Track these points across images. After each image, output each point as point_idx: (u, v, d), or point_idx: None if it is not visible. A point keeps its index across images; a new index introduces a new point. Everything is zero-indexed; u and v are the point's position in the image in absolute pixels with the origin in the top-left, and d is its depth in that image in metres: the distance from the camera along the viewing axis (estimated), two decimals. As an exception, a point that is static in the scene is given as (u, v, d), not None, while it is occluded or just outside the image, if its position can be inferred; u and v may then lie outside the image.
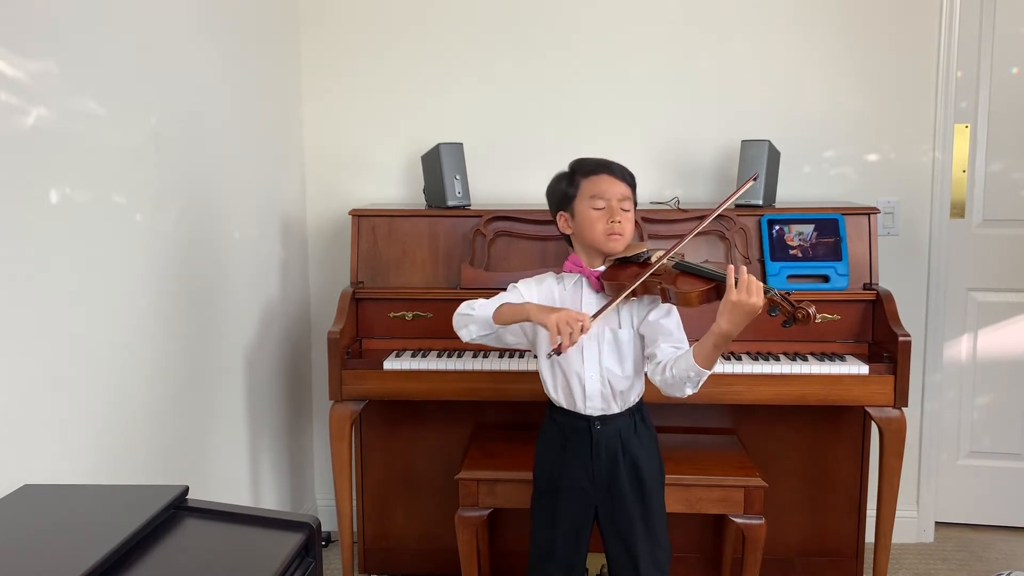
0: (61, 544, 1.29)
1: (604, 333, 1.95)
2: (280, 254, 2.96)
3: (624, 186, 1.96)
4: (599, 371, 1.95)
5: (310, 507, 3.28)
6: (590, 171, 1.97)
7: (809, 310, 1.71)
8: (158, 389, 2.10)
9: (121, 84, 1.93)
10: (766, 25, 3.03)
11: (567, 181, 1.99)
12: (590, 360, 1.95)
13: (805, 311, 1.71)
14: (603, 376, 1.95)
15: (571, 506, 2.01)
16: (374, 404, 2.75)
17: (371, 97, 3.12)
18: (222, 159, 2.50)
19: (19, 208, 1.58)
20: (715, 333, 1.78)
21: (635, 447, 1.99)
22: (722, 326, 1.76)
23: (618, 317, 1.96)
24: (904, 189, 3.07)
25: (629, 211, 1.95)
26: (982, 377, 3.23)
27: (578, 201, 1.96)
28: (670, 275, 1.88)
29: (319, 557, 1.46)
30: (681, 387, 1.85)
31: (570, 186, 1.98)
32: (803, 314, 1.71)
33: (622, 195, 1.95)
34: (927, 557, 3.09)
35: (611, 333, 1.95)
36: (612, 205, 1.93)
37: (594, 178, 1.96)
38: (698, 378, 1.83)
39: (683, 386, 1.85)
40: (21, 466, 1.57)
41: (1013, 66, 3.09)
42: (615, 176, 1.96)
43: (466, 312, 1.97)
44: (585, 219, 1.94)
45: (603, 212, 1.92)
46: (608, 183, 1.95)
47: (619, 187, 1.95)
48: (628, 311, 1.96)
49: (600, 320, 1.88)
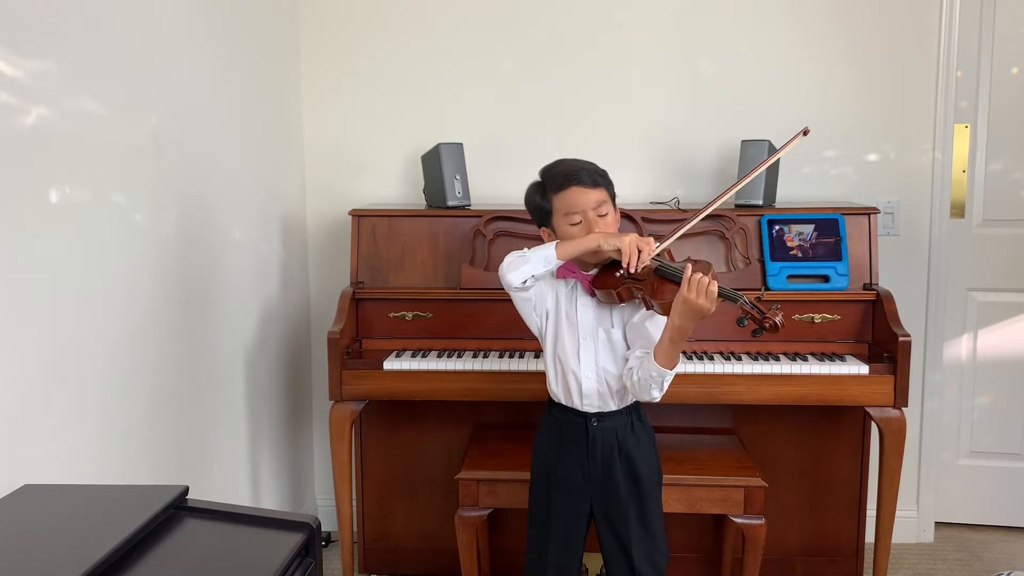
0: (61, 544, 1.29)
1: (598, 333, 1.97)
2: (280, 254, 2.96)
3: (596, 191, 1.92)
4: (595, 370, 1.96)
5: (310, 507, 3.28)
6: (559, 187, 1.93)
7: (776, 319, 1.72)
8: (158, 389, 2.10)
9: (121, 84, 1.93)
10: (766, 25, 3.03)
11: (540, 195, 1.98)
12: (586, 359, 1.97)
13: (772, 320, 1.72)
14: (599, 375, 1.97)
15: (565, 502, 2.02)
16: (374, 404, 2.75)
17: (371, 97, 3.12)
18: (222, 159, 2.50)
19: (19, 208, 1.58)
20: (669, 329, 1.81)
21: (631, 446, 1.99)
22: (674, 321, 1.79)
23: (611, 317, 1.98)
24: (904, 189, 3.07)
25: (607, 214, 1.93)
26: (982, 377, 3.23)
27: (555, 218, 1.95)
28: (650, 281, 1.88)
29: (319, 557, 1.46)
30: (648, 390, 1.86)
31: (544, 201, 1.97)
32: (771, 324, 1.72)
33: (596, 202, 1.92)
34: (927, 557, 3.09)
35: (605, 333, 1.97)
36: (588, 216, 1.91)
37: (563, 193, 1.93)
38: (660, 379, 1.83)
39: (649, 388, 1.86)
40: (21, 466, 1.57)
41: (1013, 66, 3.09)
42: (585, 185, 1.91)
43: (519, 254, 1.92)
44: (566, 236, 1.93)
45: (580, 226, 1.92)
46: (578, 194, 1.91)
47: (591, 195, 1.91)
48: (619, 311, 1.98)
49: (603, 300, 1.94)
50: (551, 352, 2.01)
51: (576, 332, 1.97)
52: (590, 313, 1.97)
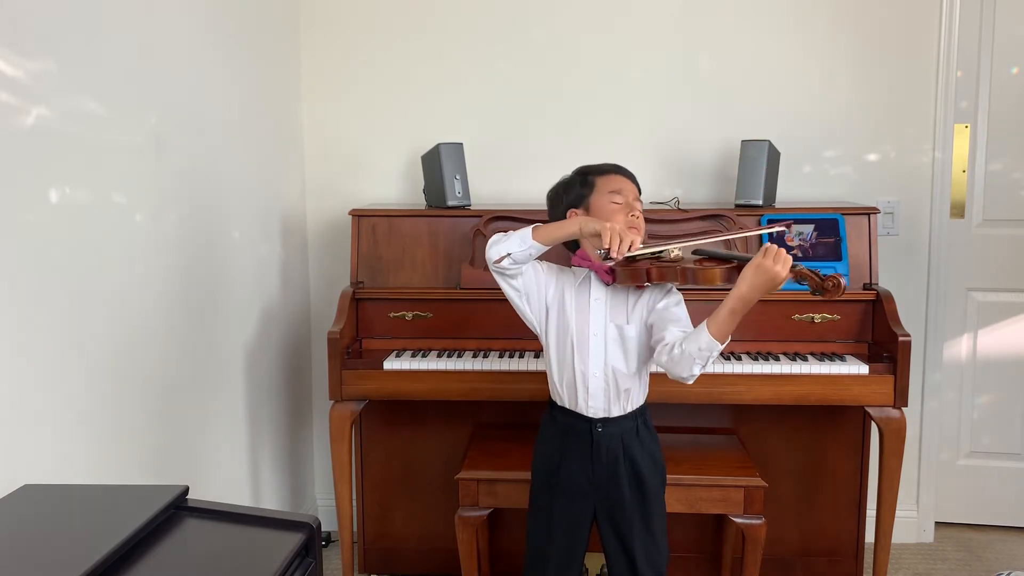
0: (61, 544, 1.29)
1: (610, 330, 1.94)
2: (280, 254, 2.96)
3: (635, 187, 2.02)
4: (603, 368, 1.93)
5: (310, 507, 3.28)
6: (605, 171, 2.02)
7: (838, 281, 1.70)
8: (158, 389, 2.10)
9: (121, 84, 1.93)
10: (766, 25, 3.03)
11: (580, 181, 2.01)
12: (595, 356, 1.93)
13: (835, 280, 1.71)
14: (607, 373, 1.94)
15: (568, 505, 2.00)
16: (374, 404, 2.75)
17: (371, 97, 3.12)
18: (222, 159, 2.50)
19: (19, 208, 1.58)
20: (733, 297, 1.76)
21: (636, 450, 1.98)
22: (741, 289, 1.75)
23: (627, 312, 1.95)
24: (904, 189, 3.07)
25: (641, 214, 1.98)
26: (982, 377, 3.23)
27: (595, 197, 1.97)
28: (690, 260, 1.88)
29: (319, 557, 1.46)
30: (689, 366, 1.81)
31: (583, 186, 2.00)
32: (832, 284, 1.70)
33: (635, 195, 2.00)
34: (927, 557, 3.09)
35: (617, 330, 1.94)
36: (629, 201, 1.97)
37: (610, 176, 2.00)
38: (708, 352, 1.79)
39: (691, 364, 1.81)
40: (21, 466, 1.57)
41: (1013, 66, 3.09)
42: (627, 177, 2.02)
43: (503, 234, 1.90)
44: (605, 212, 1.94)
45: (622, 206, 1.95)
46: (623, 181, 2.00)
47: (632, 187, 2.01)
48: (636, 302, 1.95)
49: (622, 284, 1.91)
50: (555, 349, 1.97)
51: (587, 326, 1.94)
52: (603, 307, 1.94)
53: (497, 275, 1.93)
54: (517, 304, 1.98)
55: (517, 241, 1.86)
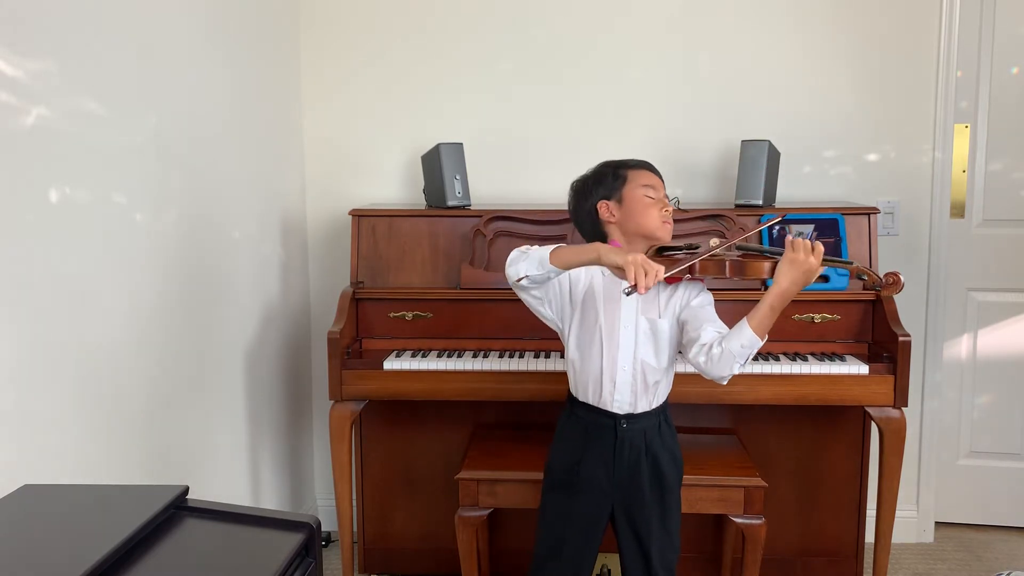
0: (61, 544, 1.29)
1: (641, 323, 1.93)
2: (280, 254, 2.96)
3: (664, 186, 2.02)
4: (632, 361, 1.93)
5: (310, 507, 3.28)
6: (637, 166, 2.02)
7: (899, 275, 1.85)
8: (158, 389, 2.10)
9: (121, 84, 1.93)
10: (766, 25, 3.03)
11: (612, 174, 2.00)
12: (625, 349, 1.93)
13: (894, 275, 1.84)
14: (635, 367, 1.93)
15: (587, 504, 1.99)
16: (374, 404, 2.75)
17: (371, 97, 3.12)
18: (222, 159, 2.50)
19: (19, 208, 1.58)
20: (772, 294, 1.80)
21: (658, 447, 1.98)
22: (782, 284, 1.79)
23: (658, 306, 1.94)
24: (904, 189, 3.07)
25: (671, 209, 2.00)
26: (982, 377, 3.23)
27: (628, 189, 1.97)
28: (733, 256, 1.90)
29: (319, 557, 1.45)
30: (729, 365, 1.83)
31: (616, 178, 1.99)
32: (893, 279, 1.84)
33: (665, 192, 2.01)
34: (927, 557, 3.09)
35: (648, 323, 1.93)
36: (661, 196, 1.98)
37: (642, 171, 2.01)
38: (749, 349, 1.81)
39: (731, 363, 1.82)
40: (21, 466, 1.57)
41: (1013, 66, 3.09)
42: (658, 175, 2.03)
43: (522, 250, 1.90)
44: (639, 204, 1.95)
45: (656, 201, 1.96)
46: (654, 178, 2.01)
47: (662, 184, 2.02)
48: (671, 297, 1.95)
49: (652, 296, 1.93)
50: (581, 341, 1.96)
51: (617, 318, 1.93)
52: (634, 299, 1.93)
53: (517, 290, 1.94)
54: (535, 308, 1.99)
55: (536, 264, 1.86)
